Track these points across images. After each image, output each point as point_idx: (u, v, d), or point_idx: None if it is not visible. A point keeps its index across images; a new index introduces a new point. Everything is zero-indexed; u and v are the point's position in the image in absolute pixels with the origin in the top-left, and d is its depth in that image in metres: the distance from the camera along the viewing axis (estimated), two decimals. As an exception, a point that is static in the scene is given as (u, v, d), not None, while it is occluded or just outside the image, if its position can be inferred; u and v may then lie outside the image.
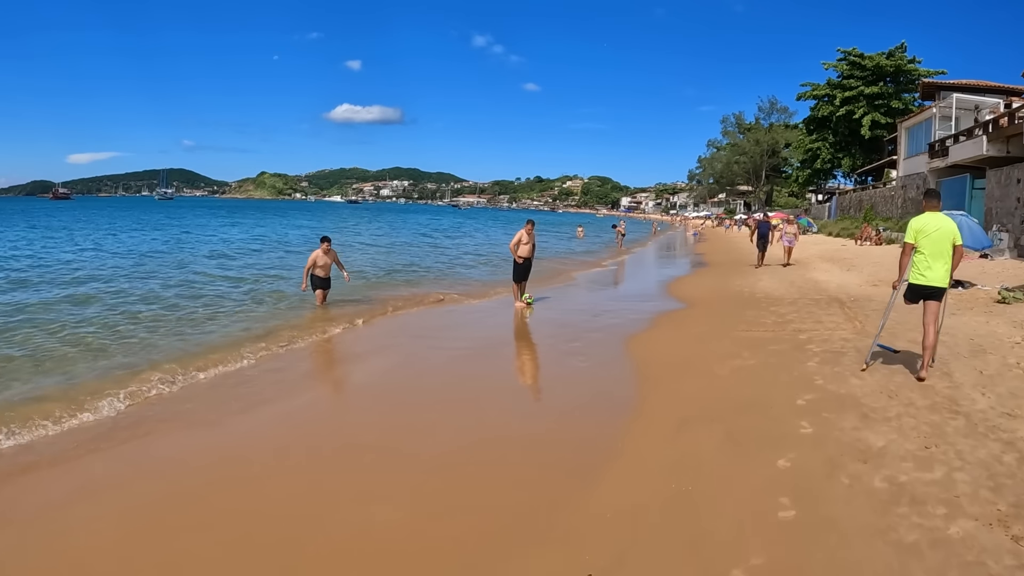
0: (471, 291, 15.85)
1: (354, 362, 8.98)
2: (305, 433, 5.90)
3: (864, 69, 55.21)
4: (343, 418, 6.58)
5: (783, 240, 20.93)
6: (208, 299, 13.50)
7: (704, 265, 24.53)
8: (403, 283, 17.34)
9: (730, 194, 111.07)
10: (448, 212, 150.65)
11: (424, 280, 18.24)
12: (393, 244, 33.92)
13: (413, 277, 18.90)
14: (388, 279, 18.07)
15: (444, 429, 5.92)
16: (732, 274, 19.21)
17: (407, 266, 22.07)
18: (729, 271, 20.55)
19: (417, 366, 8.41)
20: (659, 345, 9.24)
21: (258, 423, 6.19)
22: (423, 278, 18.74)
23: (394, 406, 6.69)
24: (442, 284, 17.17)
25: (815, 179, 61.98)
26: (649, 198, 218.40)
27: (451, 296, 14.80)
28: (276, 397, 6.93)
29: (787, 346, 8.60)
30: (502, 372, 8.42)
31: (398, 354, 9.06)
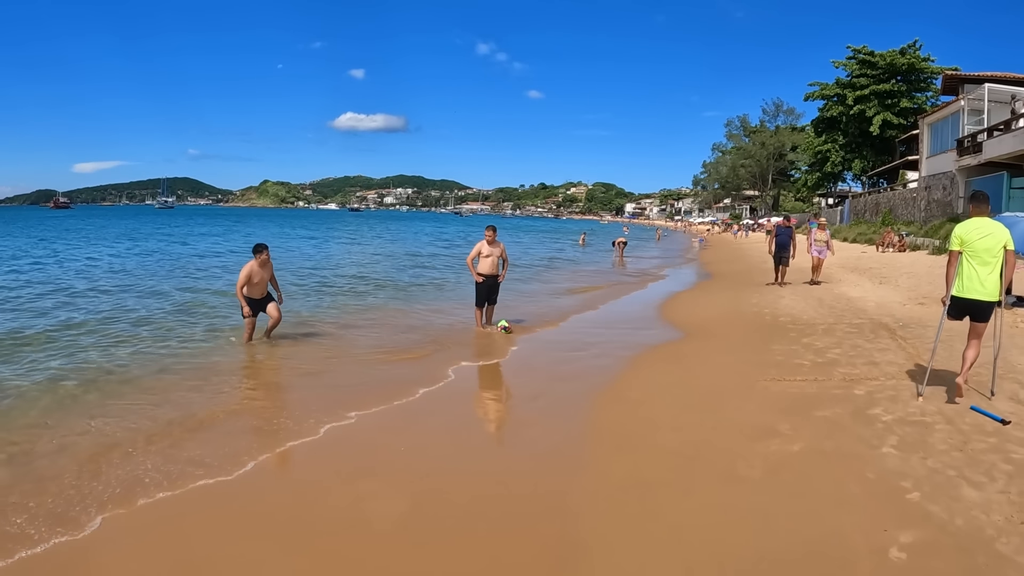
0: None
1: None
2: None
3: (875, 67, 52.60)
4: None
5: (812, 251, 16.68)
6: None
7: (709, 277, 21.84)
8: (382, 302, 14.59)
9: (736, 199, 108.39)
10: (451, 220, 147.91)
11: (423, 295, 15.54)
12: (391, 255, 31.27)
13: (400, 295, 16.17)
14: (361, 298, 15.30)
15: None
16: (745, 289, 16.48)
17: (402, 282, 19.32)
18: (740, 285, 17.84)
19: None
20: (652, 410, 6.45)
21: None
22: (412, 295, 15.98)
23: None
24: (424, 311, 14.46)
25: (825, 182, 59.19)
26: (654, 204, 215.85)
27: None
28: None
29: (841, 409, 5.93)
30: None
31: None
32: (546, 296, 16.26)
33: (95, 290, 15.40)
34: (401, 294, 16.11)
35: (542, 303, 14.82)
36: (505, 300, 12.22)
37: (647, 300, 15.75)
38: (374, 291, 16.63)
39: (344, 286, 17.59)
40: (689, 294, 16.94)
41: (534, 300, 15.27)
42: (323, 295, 15.50)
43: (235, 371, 8.11)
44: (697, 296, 16.31)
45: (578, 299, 15.76)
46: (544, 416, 6.37)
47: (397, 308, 13.63)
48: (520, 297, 15.46)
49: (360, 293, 16.14)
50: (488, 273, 10.71)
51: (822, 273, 17.05)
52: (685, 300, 15.43)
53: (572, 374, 8.01)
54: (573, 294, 16.91)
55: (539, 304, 14.59)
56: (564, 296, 16.48)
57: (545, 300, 15.45)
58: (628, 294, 17.06)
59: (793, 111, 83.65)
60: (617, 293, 17.14)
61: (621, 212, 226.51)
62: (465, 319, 11.89)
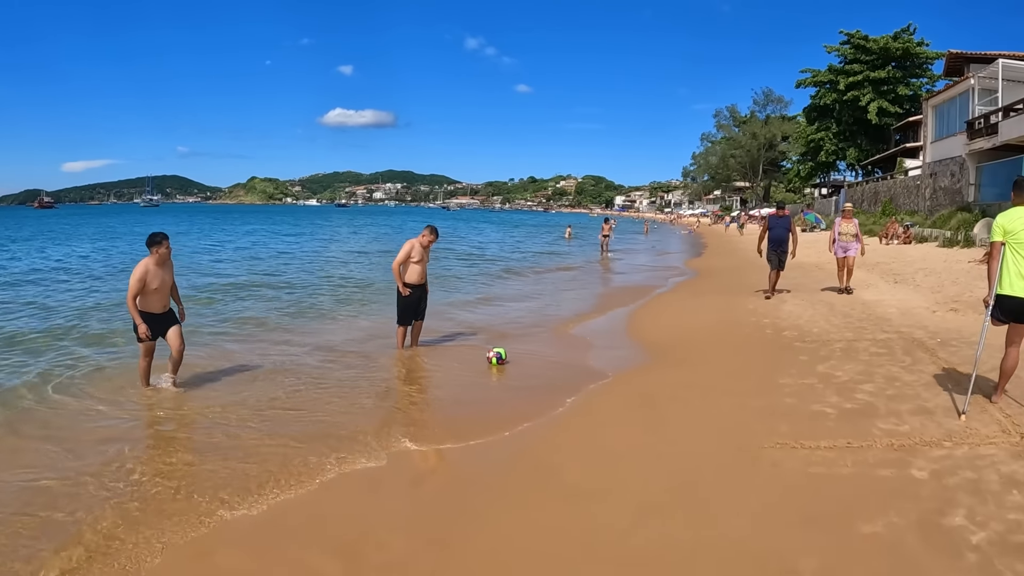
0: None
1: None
2: None
3: (869, 52, 50.51)
4: None
5: (836, 248, 12.87)
6: None
7: (694, 275, 19.46)
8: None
9: (726, 190, 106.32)
10: (438, 214, 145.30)
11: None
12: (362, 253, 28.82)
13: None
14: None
15: None
16: (735, 290, 14.10)
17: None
18: (730, 284, 15.56)
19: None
20: (582, 517, 3.93)
21: None
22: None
23: None
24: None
25: (818, 172, 57.07)
26: (643, 196, 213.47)
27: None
28: None
29: (900, 518, 3.59)
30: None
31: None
32: (501, 297, 14.00)
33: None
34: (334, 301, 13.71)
35: (484, 310, 12.54)
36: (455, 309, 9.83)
37: (614, 302, 13.42)
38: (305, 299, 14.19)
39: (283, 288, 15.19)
40: (671, 297, 14.58)
41: (483, 307, 13.01)
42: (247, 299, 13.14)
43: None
44: (681, 300, 13.91)
45: (551, 291, 13.46)
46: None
47: (322, 324, 11.25)
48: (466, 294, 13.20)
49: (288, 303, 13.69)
50: (416, 283, 8.41)
51: (812, 263, 14.76)
52: (664, 306, 13.01)
53: (473, 423, 5.70)
54: (524, 300, 14.58)
55: (480, 312, 12.29)
56: (508, 302, 14.15)
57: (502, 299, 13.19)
58: (606, 290, 14.76)
59: (783, 100, 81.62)
60: (582, 297, 14.77)
61: (611, 205, 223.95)
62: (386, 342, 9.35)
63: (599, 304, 13.46)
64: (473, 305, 13.24)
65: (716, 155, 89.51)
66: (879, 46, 49.87)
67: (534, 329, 10.53)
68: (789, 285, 13.71)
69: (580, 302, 13.71)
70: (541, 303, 13.67)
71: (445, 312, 11.80)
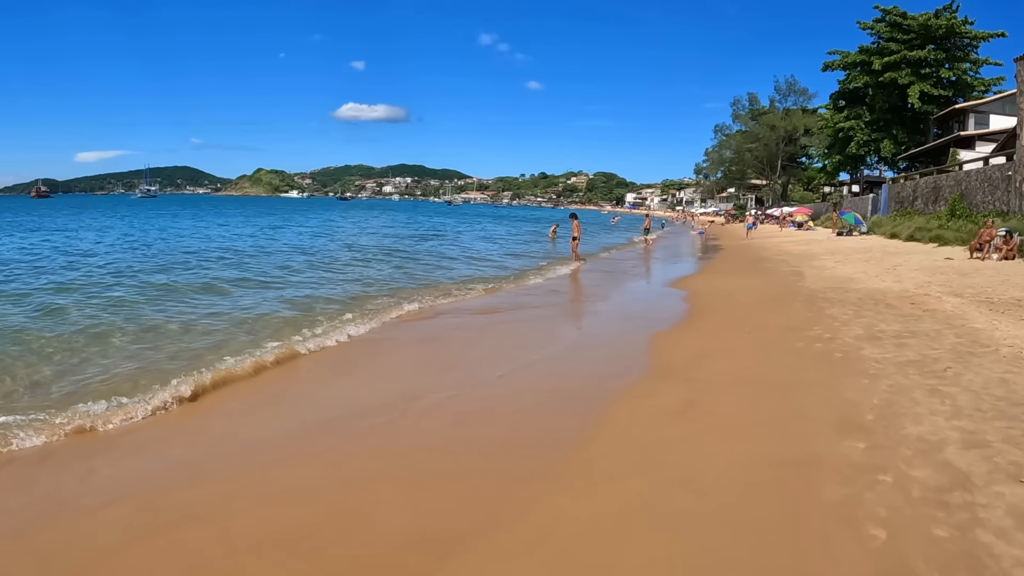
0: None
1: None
2: None
3: (908, 31, 44.36)
4: None
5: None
6: None
7: (695, 315, 11.05)
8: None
9: (740, 188, 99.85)
10: (440, 209, 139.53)
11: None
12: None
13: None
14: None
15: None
16: (774, 349, 7.69)
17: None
18: (762, 332, 8.89)
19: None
20: None
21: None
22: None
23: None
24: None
25: (846, 165, 50.74)
26: (655, 194, 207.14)
27: None
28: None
29: None
30: None
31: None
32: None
33: None
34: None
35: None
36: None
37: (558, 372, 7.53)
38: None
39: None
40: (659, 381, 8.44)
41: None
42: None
43: None
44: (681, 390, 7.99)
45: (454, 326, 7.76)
46: None
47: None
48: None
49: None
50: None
51: (879, 288, 8.83)
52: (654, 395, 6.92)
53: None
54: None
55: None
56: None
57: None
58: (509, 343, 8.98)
59: (806, 92, 75.24)
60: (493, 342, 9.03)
61: (622, 202, 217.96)
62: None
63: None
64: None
65: (731, 148, 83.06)
66: (919, 23, 43.79)
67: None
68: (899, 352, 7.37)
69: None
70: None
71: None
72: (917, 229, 21.35)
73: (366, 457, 4.65)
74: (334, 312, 10.36)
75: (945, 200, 24.24)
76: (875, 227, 27.77)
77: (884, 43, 44.96)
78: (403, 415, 5.50)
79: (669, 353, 7.67)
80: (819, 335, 7.99)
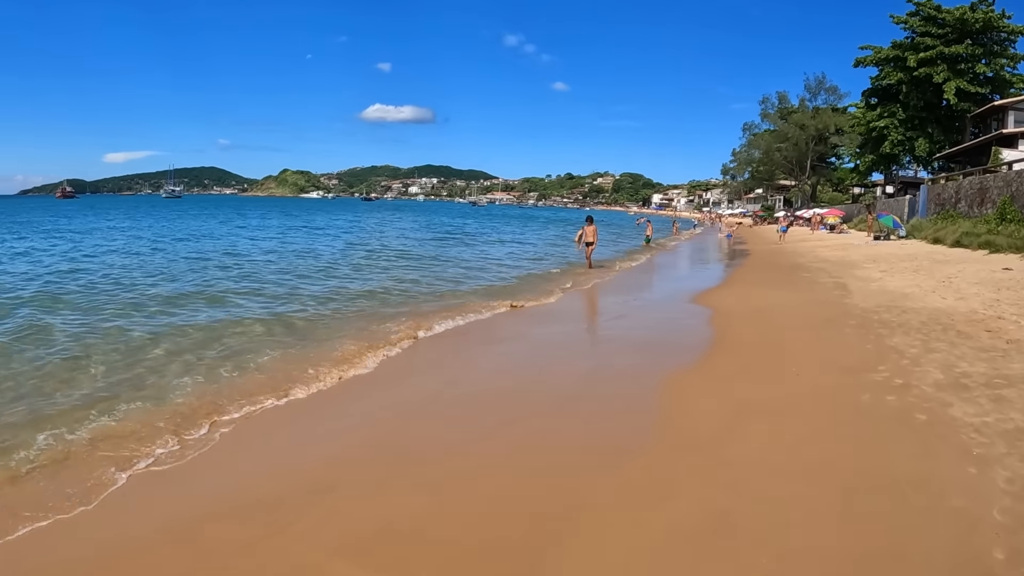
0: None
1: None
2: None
3: (943, 25, 42.75)
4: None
5: None
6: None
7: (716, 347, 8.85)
8: None
9: (768, 189, 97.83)
10: (464, 210, 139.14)
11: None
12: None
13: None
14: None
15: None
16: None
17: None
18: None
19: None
20: None
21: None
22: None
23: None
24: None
25: (879, 165, 49.12)
26: (681, 195, 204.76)
27: None
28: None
29: None
30: None
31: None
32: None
33: None
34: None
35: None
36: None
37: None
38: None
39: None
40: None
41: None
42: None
43: None
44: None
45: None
46: None
47: None
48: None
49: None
50: None
51: (958, 319, 7.83)
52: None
53: None
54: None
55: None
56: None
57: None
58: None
59: (836, 91, 73.27)
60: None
61: (648, 203, 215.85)
62: None
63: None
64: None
65: (760, 148, 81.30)
66: (954, 17, 42.19)
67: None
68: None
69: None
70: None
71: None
72: (964, 234, 19.99)
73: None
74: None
75: (992, 202, 22.83)
76: (915, 231, 26.36)
77: (919, 38, 43.46)
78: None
79: (690, 409, 5.92)
80: (887, 380, 6.32)
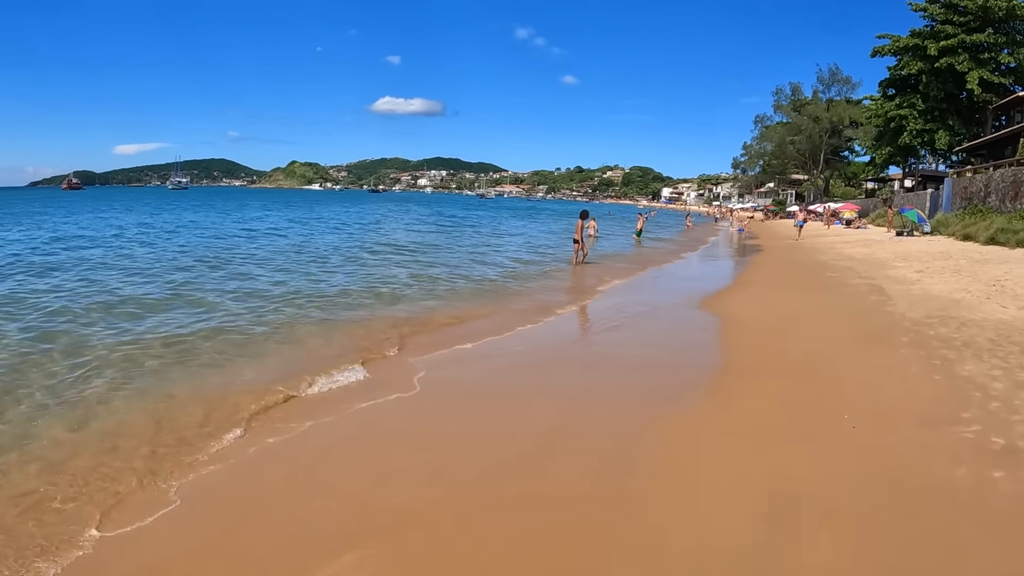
0: None
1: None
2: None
3: (965, 13, 41.20)
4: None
5: None
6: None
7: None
8: None
9: (780, 183, 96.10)
10: (471, 202, 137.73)
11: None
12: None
13: None
14: None
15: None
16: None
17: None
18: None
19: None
20: None
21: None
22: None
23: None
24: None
25: (896, 157, 47.56)
26: (691, 189, 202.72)
27: None
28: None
29: None
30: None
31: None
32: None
33: None
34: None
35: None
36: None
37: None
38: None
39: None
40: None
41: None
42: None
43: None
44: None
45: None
46: None
47: None
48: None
49: None
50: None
51: None
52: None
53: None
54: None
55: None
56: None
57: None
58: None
59: (850, 81, 71.50)
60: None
61: (658, 197, 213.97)
62: None
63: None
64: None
65: (772, 141, 79.63)
66: (976, 5, 40.66)
67: None
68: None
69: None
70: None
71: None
72: (999, 230, 18.64)
73: None
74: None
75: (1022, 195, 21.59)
76: (940, 226, 24.93)
77: (939, 26, 41.95)
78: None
79: (691, 506, 3.91)
80: (981, 439, 4.61)
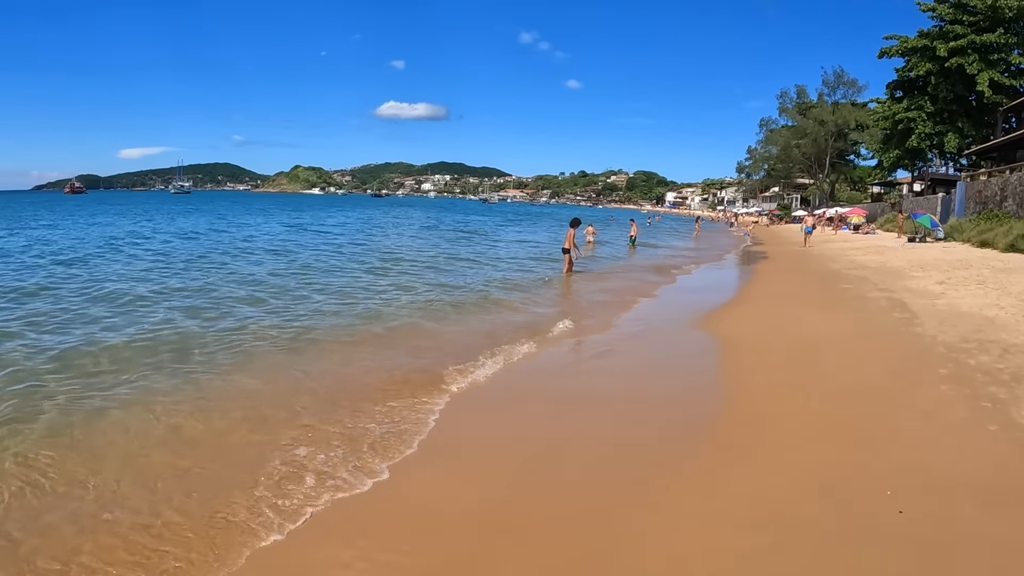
0: None
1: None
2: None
3: (974, 12, 40.10)
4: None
5: None
6: None
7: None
8: None
9: (785, 187, 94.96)
10: (473, 207, 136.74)
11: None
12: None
13: None
14: None
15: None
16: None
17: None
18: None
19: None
20: None
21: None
22: None
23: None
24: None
25: (904, 160, 46.37)
26: (695, 193, 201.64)
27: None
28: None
29: None
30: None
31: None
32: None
33: None
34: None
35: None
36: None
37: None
38: None
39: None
40: None
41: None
42: None
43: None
44: None
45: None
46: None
47: None
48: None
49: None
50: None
51: None
52: None
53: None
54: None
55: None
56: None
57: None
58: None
59: (856, 84, 70.52)
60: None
61: (662, 201, 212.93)
62: None
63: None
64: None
65: (778, 144, 78.53)
66: (986, 4, 39.54)
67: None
68: None
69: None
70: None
71: None
72: (1020, 237, 17.60)
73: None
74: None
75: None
76: (954, 232, 23.77)
77: (948, 26, 40.89)
78: None
79: None
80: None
